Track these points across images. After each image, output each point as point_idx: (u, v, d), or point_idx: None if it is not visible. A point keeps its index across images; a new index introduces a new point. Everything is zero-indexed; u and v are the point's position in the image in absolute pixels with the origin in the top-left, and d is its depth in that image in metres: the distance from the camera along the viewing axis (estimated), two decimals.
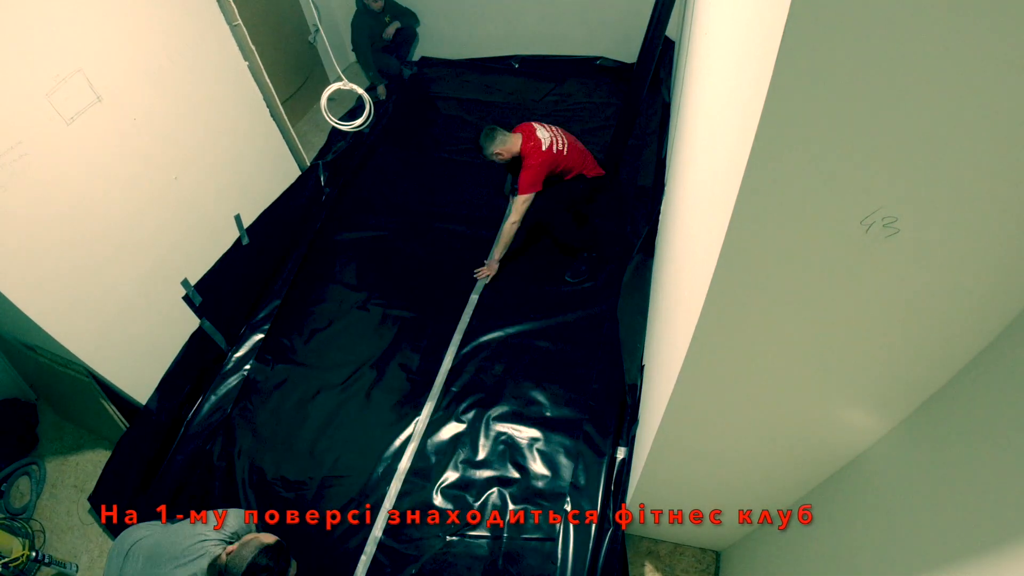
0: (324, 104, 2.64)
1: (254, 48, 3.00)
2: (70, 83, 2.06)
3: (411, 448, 2.54)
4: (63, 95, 2.05)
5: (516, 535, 2.27)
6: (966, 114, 0.62)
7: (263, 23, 3.75)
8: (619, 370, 2.62)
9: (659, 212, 2.68)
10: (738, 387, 1.21)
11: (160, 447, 2.58)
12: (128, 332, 2.47)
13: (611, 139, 3.81)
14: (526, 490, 2.38)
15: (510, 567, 2.20)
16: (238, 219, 3.04)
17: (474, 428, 2.58)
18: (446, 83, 4.59)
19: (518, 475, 2.42)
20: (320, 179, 3.70)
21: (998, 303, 0.88)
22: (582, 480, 2.36)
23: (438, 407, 2.67)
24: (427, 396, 2.70)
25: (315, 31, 4.35)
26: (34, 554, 2.35)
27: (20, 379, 2.95)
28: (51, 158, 2.04)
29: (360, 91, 2.65)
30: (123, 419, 2.60)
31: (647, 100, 3.82)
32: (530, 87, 4.44)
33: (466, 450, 2.51)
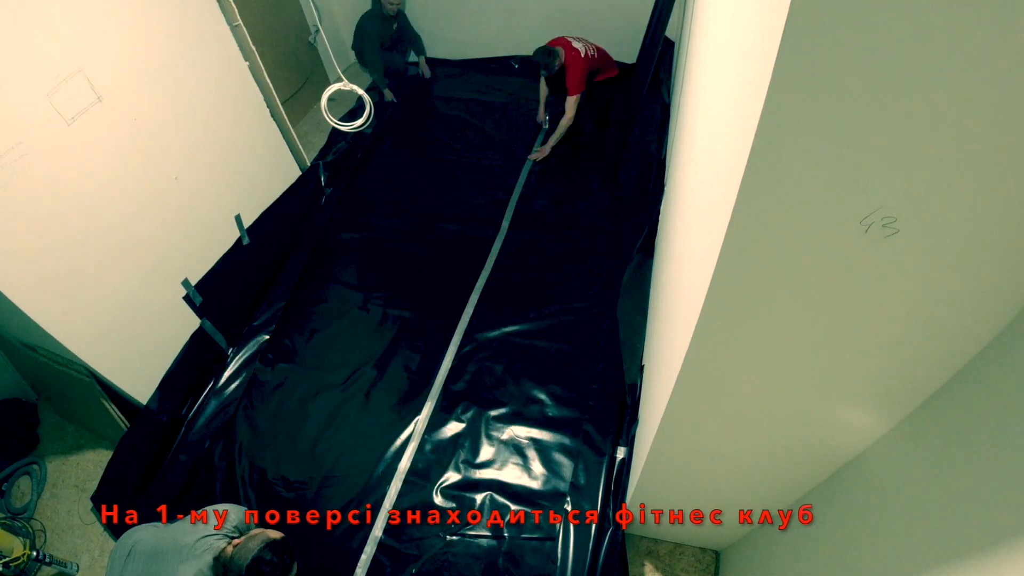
0: (324, 104, 2.64)
1: (254, 48, 3.00)
2: (71, 83, 2.07)
3: (411, 448, 2.54)
4: (64, 95, 2.05)
5: (516, 535, 2.27)
6: (965, 114, 0.62)
7: (263, 23, 3.75)
8: (619, 370, 2.62)
9: (659, 212, 2.68)
10: (738, 387, 1.21)
11: (161, 447, 2.58)
12: (129, 332, 2.47)
13: (611, 139, 3.81)
14: (526, 490, 2.38)
15: (510, 567, 2.20)
16: (238, 219, 3.04)
17: (474, 428, 2.58)
18: (446, 83, 4.59)
19: (518, 475, 2.43)
20: (320, 179, 3.70)
21: (997, 303, 0.88)
22: (582, 480, 2.37)
23: (438, 407, 2.67)
24: (427, 396, 2.70)
25: (315, 32, 4.35)
26: (35, 554, 2.35)
27: (21, 379, 2.96)
28: (52, 158, 2.04)
29: (360, 92, 2.65)
30: (124, 419, 2.60)
31: (647, 100, 3.82)
32: (530, 87, 4.44)
33: (466, 450, 2.51)
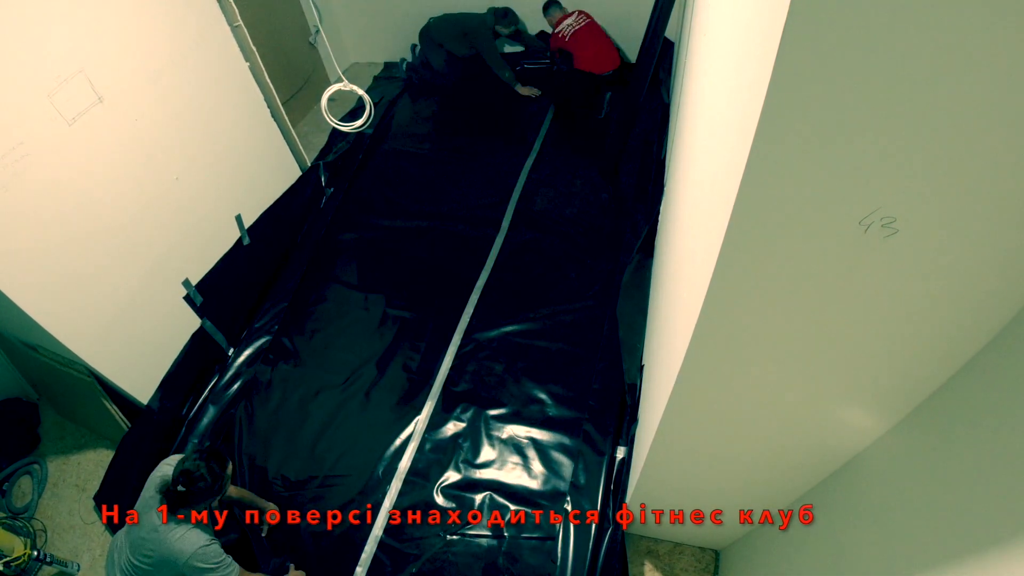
0: (324, 105, 2.64)
1: (255, 49, 3.01)
2: (72, 84, 2.07)
3: (411, 448, 2.54)
4: (65, 96, 2.05)
5: (516, 534, 2.27)
6: (965, 114, 0.62)
7: (264, 24, 3.76)
8: (619, 370, 2.63)
9: (659, 212, 2.69)
10: (737, 387, 1.21)
11: (162, 447, 2.59)
12: (129, 332, 2.48)
13: (611, 139, 3.81)
14: (526, 490, 2.38)
15: (510, 566, 2.20)
16: (239, 219, 3.04)
17: (474, 428, 2.58)
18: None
19: (518, 474, 2.43)
20: (321, 179, 3.71)
21: (996, 303, 0.88)
22: (582, 479, 2.37)
23: (438, 407, 2.67)
24: (427, 396, 2.71)
25: (316, 32, 4.36)
26: (36, 553, 2.36)
27: (22, 379, 2.96)
28: (53, 158, 2.05)
29: (361, 92, 2.65)
30: (124, 419, 2.61)
31: (647, 100, 3.82)
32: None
33: (466, 450, 2.52)
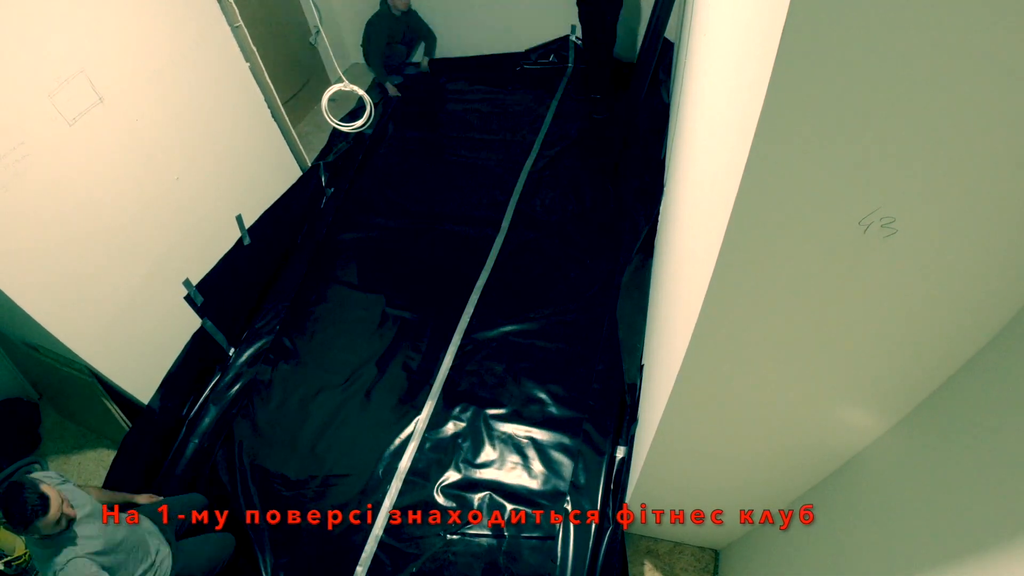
0: (325, 105, 2.64)
1: (255, 49, 3.01)
2: (72, 84, 2.07)
3: (412, 447, 2.54)
4: (65, 96, 2.06)
5: (516, 534, 2.27)
6: (964, 114, 0.63)
7: (264, 24, 3.76)
8: (619, 370, 2.63)
9: (658, 212, 2.69)
10: (737, 386, 1.22)
11: (162, 447, 2.59)
12: (130, 332, 2.48)
13: (611, 139, 3.82)
14: (526, 489, 2.39)
15: (510, 566, 2.20)
16: (239, 219, 3.05)
17: (474, 427, 2.59)
18: (447, 83, 4.59)
19: (518, 474, 2.43)
20: (321, 180, 3.71)
21: (996, 303, 0.89)
22: (582, 479, 2.37)
23: (438, 407, 2.67)
24: (427, 396, 2.71)
25: (316, 32, 4.36)
26: None
27: (23, 379, 2.96)
28: (53, 159, 2.05)
29: (361, 92, 2.65)
30: (125, 419, 2.61)
31: (647, 100, 3.82)
32: (531, 85, 4.44)
33: (466, 449, 2.52)
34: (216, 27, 2.71)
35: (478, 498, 2.38)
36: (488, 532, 2.29)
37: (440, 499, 2.39)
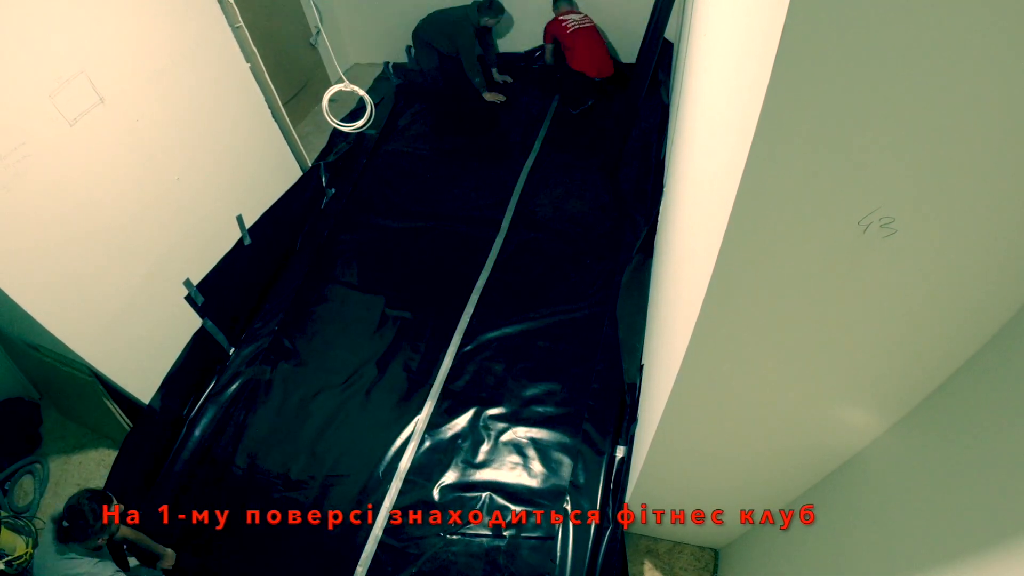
0: (325, 105, 2.64)
1: (255, 50, 3.01)
2: (73, 84, 2.08)
3: (411, 447, 2.54)
4: (66, 96, 2.06)
5: (516, 534, 2.27)
6: (964, 114, 0.63)
7: (265, 25, 3.76)
8: (618, 370, 2.63)
9: (658, 212, 2.69)
10: (736, 386, 1.22)
11: (163, 447, 2.59)
12: (131, 332, 2.48)
13: (610, 140, 3.82)
14: (526, 489, 2.39)
15: (510, 565, 2.20)
16: (240, 219, 3.05)
17: (474, 427, 2.59)
18: (448, 83, 4.59)
19: (518, 474, 2.43)
20: (321, 180, 3.71)
21: (995, 303, 0.89)
22: (582, 479, 2.37)
23: (438, 407, 2.67)
24: (427, 396, 2.71)
25: (316, 33, 4.36)
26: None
27: (24, 378, 2.96)
28: (54, 159, 2.05)
29: (361, 92, 2.65)
30: (126, 418, 2.61)
31: (646, 101, 3.83)
32: (530, 86, 4.44)
33: (466, 449, 2.52)
34: (216, 27, 2.71)
35: (478, 498, 2.38)
36: (488, 532, 2.29)
37: (440, 499, 2.39)
